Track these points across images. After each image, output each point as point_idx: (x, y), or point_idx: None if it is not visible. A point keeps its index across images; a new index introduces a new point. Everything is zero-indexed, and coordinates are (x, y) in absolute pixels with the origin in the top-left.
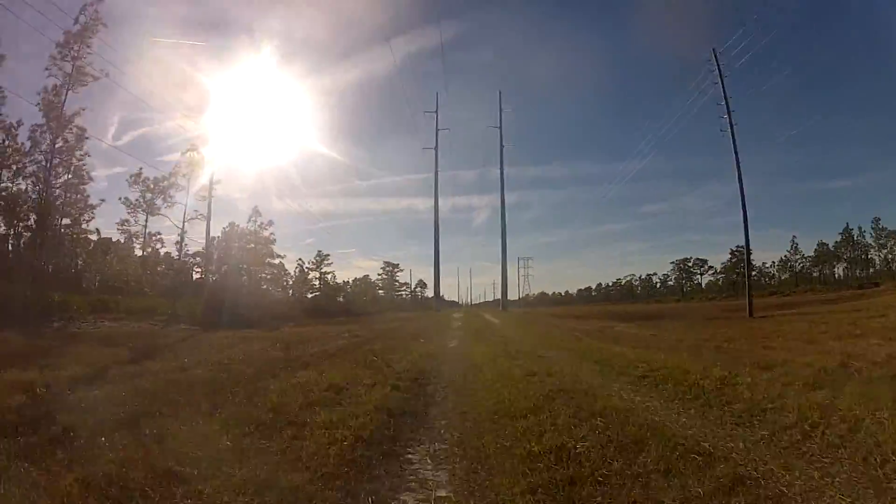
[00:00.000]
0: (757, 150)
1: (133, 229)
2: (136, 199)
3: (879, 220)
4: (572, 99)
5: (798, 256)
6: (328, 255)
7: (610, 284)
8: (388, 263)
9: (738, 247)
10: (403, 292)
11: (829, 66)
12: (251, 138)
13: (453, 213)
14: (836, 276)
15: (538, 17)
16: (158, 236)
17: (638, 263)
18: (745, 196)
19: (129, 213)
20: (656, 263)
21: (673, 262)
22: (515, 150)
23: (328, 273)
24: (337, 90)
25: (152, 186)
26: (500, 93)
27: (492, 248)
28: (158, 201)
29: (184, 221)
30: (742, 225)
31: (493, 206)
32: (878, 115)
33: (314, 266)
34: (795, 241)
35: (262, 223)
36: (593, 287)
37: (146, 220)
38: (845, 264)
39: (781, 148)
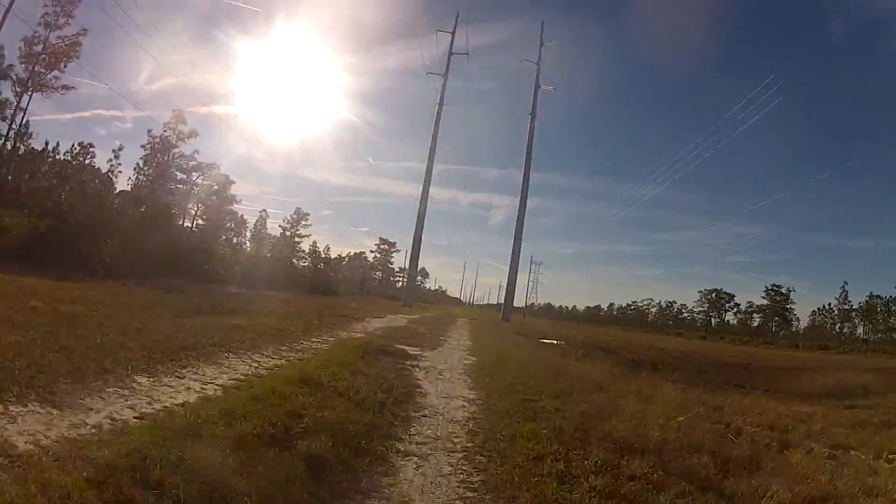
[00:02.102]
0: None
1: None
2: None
3: None
4: (599, 115)
5: (846, 307)
6: (308, 213)
7: (623, 306)
8: (383, 241)
9: (772, 286)
10: (400, 279)
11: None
12: (279, 106)
13: (472, 208)
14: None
15: (582, 28)
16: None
17: (646, 288)
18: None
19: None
20: (663, 291)
21: (701, 292)
22: (539, 157)
23: (304, 236)
24: (373, 72)
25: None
26: (542, 23)
27: (503, 250)
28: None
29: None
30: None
31: (512, 206)
32: None
33: (290, 225)
34: (846, 288)
35: (180, 132)
36: (604, 306)
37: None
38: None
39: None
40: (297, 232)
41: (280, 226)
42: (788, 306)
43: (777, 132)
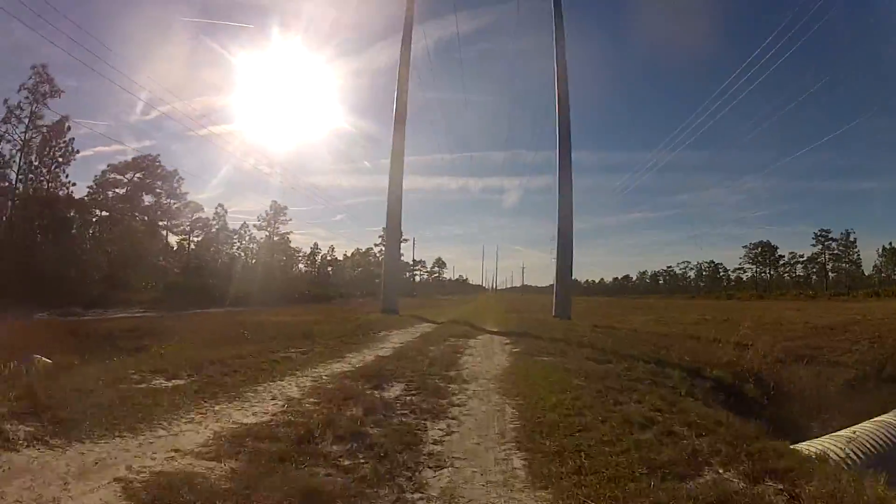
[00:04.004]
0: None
1: None
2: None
3: None
4: (602, 88)
5: None
6: (285, 207)
7: (656, 272)
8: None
9: (821, 231)
10: (417, 272)
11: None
12: (280, 116)
13: (484, 193)
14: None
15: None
16: None
17: (665, 253)
18: None
19: None
20: (684, 255)
21: (745, 247)
22: (544, 137)
23: (285, 234)
24: (368, 72)
25: None
26: None
27: (520, 232)
28: None
29: None
30: None
31: (525, 187)
32: None
33: (266, 223)
34: None
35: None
36: (633, 276)
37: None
38: None
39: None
40: (277, 230)
41: (255, 225)
42: (855, 252)
43: (790, 80)
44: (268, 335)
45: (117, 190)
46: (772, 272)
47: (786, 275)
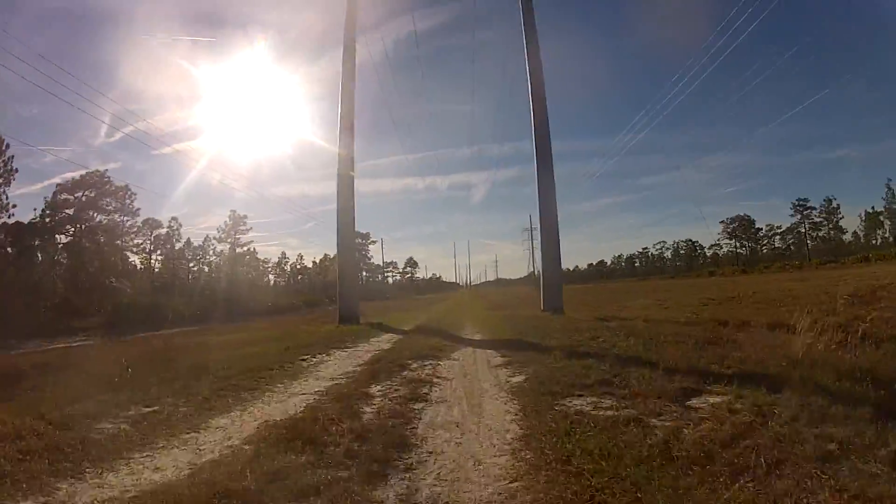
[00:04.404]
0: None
1: None
2: None
3: None
4: (564, 75)
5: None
6: (245, 216)
7: (632, 255)
8: None
9: (798, 200)
10: (390, 273)
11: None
12: (245, 129)
13: (452, 190)
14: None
15: None
16: None
17: (638, 236)
18: None
19: None
20: (657, 236)
21: (723, 222)
22: (509, 128)
23: (245, 244)
24: (333, 79)
25: None
26: None
27: (490, 227)
28: None
29: None
30: None
31: (492, 180)
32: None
33: (225, 234)
34: (891, 187)
35: None
36: (608, 261)
37: None
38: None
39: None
40: (237, 240)
41: (215, 237)
42: (839, 218)
43: (757, 54)
44: (163, 368)
45: (67, 211)
46: (751, 245)
47: (763, 248)
